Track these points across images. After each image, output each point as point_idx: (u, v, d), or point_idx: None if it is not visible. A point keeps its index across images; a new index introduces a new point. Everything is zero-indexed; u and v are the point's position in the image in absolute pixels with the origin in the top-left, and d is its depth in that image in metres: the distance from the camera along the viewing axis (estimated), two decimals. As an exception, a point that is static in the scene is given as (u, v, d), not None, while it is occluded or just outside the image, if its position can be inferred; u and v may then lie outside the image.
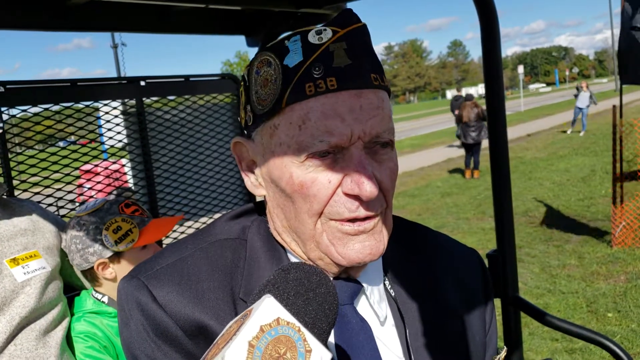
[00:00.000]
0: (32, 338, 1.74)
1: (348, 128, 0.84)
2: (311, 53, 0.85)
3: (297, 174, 0.87)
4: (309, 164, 0.87)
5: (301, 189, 0.88)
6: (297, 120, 0.86)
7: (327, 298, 0.76)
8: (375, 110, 0.86)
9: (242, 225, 1.01)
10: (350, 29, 0.87)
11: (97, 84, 2.47)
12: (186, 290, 0.91)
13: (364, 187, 0.84)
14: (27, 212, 1.91)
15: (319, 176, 0.87)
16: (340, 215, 0.87)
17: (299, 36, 0.87)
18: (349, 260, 0.89)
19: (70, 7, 2.06)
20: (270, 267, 0.95)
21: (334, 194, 0.87)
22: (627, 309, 5.49)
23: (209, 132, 2.86)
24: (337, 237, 0.89)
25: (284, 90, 0.86)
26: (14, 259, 1.76)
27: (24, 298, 1.73)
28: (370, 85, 0.87)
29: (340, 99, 0.85)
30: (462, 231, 9.11)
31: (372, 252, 0.90)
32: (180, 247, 0.98)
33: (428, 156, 19.36)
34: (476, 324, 1.07)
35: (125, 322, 0.92)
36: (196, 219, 2.82)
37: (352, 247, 0.89)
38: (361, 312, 0.96)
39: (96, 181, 2.54)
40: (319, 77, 0.84)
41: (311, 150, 0.85)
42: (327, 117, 0.84)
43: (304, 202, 0.88)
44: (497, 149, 2.06)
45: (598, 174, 12.51)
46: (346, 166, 0.86)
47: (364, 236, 0.89)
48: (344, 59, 0.85)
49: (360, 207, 0.87)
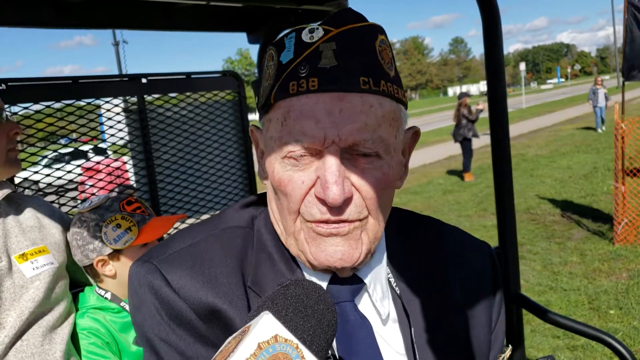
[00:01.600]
0: (39, 334, 1.75)
1: (322, 131, 0.83)
2: (301, 51, 0.85)
3: (277, 170, 0.88)
4: (287, 162, 0.87)
5: (279, 186, 0.89)
6: (280, 117, 0.86)
7: (326, 315, 0.76)
8: (356, 116, 0.83)
9: (251, 214, 1.02)
10: (344, 29, 0.85)
11: (99, 82, 2.47)
12: (199, 275, 0.91)
13: (328, 192, 0.83)
14: (33, 208, 1.92)
15: (294, 175, 0.87)
16: (312, 216, 0.87)
17: (294, 33, 0.87)
18: (319, 262, 0.89)
19: (71, 4, 2.05)
20: (278, 259, 0.95)
21: (307, 195, 0.87)
22: (629, 306, 5.49)
23: (210, 129, 2.86)
24: (312, 237, 0.89)
25: (274, 86, 0.87)
26: (22, 254, 1.77)
27: (34, 292, 1.74)
28: (355, 89, 0.83)
29: (321, 101, 0.83)
30: (464, 228, 8.95)
31: (343, 258, 0.88)
32: (192, 233, 0.99)
33: (430, 153, 19.35)
34: (482, 319, 1.06)
35: (138, 306, 0.92)
36: (197, 217, 2.82)
37: (323, 249, 0.88)
38: (363, 310, 0.96)
39: (98, 179, 2.54)
40: (303, 76, 0.84)
41: (289, 149, 0.85)
42: (303, 118, 0.83)
43: (284, 199, 0.89)
44: (499, 146, 2.06)
45: (600, 171, 12.49)
46: (319, 168, 0.85)
47: (338, 239, 0.88)
48: (331, 59, 0.83)
49: (332, 212, 0.86)
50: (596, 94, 20.39)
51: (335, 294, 0.94)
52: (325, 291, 0.78)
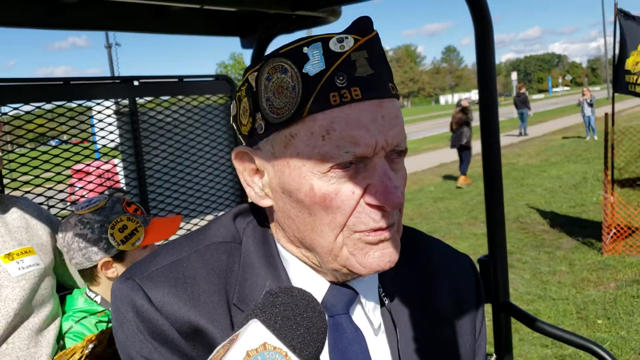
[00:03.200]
0: (25, 337, 1.73)
1: (373, 138, 0.83)
2: (333, 61, 0.83)
3: (319, 185, 0.85)
4: (332, 175, 0.85)
5: (324, 201, 0.86)
6: (319, 130, 0.83)
7: (316, 322, 0.75)
8: (395, 120, 0.86)
9: (237, 227, 1.00)
10: (369, 37, 0.86)
11: (90, 83, 2.45)
12: (182, 293, 0.90)
13: (390, 197, 0.84)
14: (20, 209, 1.90)
15: (342, 187, 0.85)
16: (366, 226, 0.86)
17: (319, 43, 0.84)
18: (369, 269, 0.89)
19: (64, 5, 2.04)
20: (265, 273, 0.94)
21: (357, 205, 0.86)
22: (617, 316, 5.52)
23: (202, 133, 2.85)
24: (359, 248, 0.88)
25: (306, 99, 0.83)
26: (8, 254, 1.76)
27: (19, 292, 1.72)
28: (389, 95, 0.87)
29: (364, 109, 0.83)
30: (454, 236, 9.13)
31: (391, 260, 0.90)
32: (176, 249, 0.97)
33: (421, 161, 19.40)
34: (467, 330, 1.07)
35: (120, 324, 0.91)
36: (188, 220, 2.81)
37: (372, 256, 0.88)
38: (356, 321, 0.96)
39: (88, 181, 2.52)
40: (342, 86, 0.83)
41: (336, 161, 0.83)
42: (352, 128, 0.83)
43: (325, 214, 0.87)
44: (489, 154, 2.07)
45: (590, 181, 12.58)
46: (369, 176, 0.85)
47: (384, 244, 0.89)
48: (367, 68, 0.84)
49: (384, 218, 0.87)
50: (581, 104, 21.00)
51: (330, 307, 0.94)
52: (314, 299, 0.78)
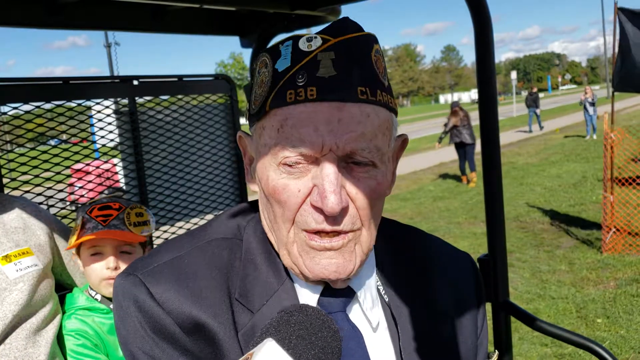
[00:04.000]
0: (22, 337, 1.72)
1: (320, 138, 0.83)
2: (299, 60, 0.85)
3: (272, 177, 0.88)
4: (282, 169, 0.87)
5: (274, 194, 0.88)
6: (276, 124, 0.86)
7: (330, 342, 0.75)
8: (355, 125, 0.84)
9: (238, 224, 1.01)
10: (342, 39, 0.85)
11: (90, 83, 2.45)
12: (183, 288, 0.90)
13: (326, 201, 0.83)
14: (18, 209, 1.89)
15: (290, 183, 0.87)
16: (308, 225, 0.87)
17: (291, 41, 0.87)
18: (314, 274, 0.89)
19: (63, 4, 2.04)
20: (266, 269, 0.95)
21: (303, 204, 0.87)
22: (616, 315, 5.52)
23: (201, 132, 2.85)
24: (305, 251, 0.89)
25: (270, 93, 0.86)
26: (6, 256, 1.75)
27: (17, 295, 1.71)
28: (353, 99, 0.84)
29: (319, 109, 0.83)
30: (454, 235, 9.13)
31: (338, 271, 0.89)
32: (177, 245, 0.98)
33: (421, 160, 19.40)
34: (468, 327, 1.07)
35: (122, 319, 0.92)
36: (187, 220, 2.81)
37: (318, 262, 0.88)
38: (353, 319, 0.96)
39: (87, 180, 2.52)
40: (301, 85, 0.84)
41: (284, 155, 0.85)
42: (301, 125, 0.84)
43: (278, 207, 0.89)
44: (489, 154, 2.07)
45: (589, 180, 12.58)
46: (316, 177, 0.85)
47: (332, 253, 0.88)
48: (329, 69, 0.84)
49: (326, 221, 0.86)
50: (583, 103, 21.02)
51: (326, 305, 0.94)
52: (330, 318, 0.78)
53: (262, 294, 0.92)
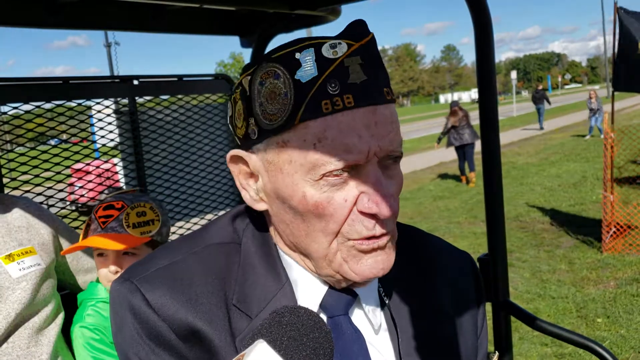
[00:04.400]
0: (25, 336, 1.73)
1: (366, 145, 0.83)
2: (326, 68, 0.82)
3: (311, 193, 0.85)
4: (324, 182, 0.84)
5: (316, 209, 0.85)
6: (312, 138, 0.83)
7: (322, 343, 0.75)
8: (390, 126, 0.85)
9: (237, 228, 1.00)
10: (364, 42, 0.85)
11: (90, 83, 2.45)
12: (179, 294, 0.90)
13: (382, 206, 0.83)
14: (21, 209, 1.90)
15: (334, 195, 0.85)
16: (359, 234, 0.86)
17: (312, 49, 0.83)
18: (362, 276, 0.89)
19: (63, 4, 2.04)
20: (265, 273, 0.94)
21: (350, 213, 0.86)
22: (617, 314, 5.52)
23: (201, 132, 2.85)
24: (352, 255, 0.88)
25: (298, 106, 0.82)
26: (9, 255, 1.75)
27: (20, 293, 1.72)
28: (384, 101, 0.85)
29: (357, 116, 0.83)
30: (454, 235, 9.13)
31: (385, 267, 0.89)
32: (174, 250, 0.97)
33: (421, 160, 19.40)
34: (468, 327, 1.07)
35: (119, 326, 0.91)
36: (187, 220, 2.81)
37: (365, 263, 0.88)
38: (356, 322, 0.96)
39: (87, 180, 2.52)
40: (335, 93, 0.82)
41: (328, 168, 0.83)
42: (344, 135, 0.82)
43: (318, 222, 0.86)
44: (489, 153, 2.07)
45: (589, 180, 12.57)
46: (362, 184, 0.85)
47: (377, 252, 0.89)
48: (360, 74, 0.83)
49: (377, 225, 0.86)
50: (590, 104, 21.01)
51: (329, 308, 0.94)
52: (321, 319, 0.78)
53: (261, 299, 0.91)
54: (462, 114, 13.40)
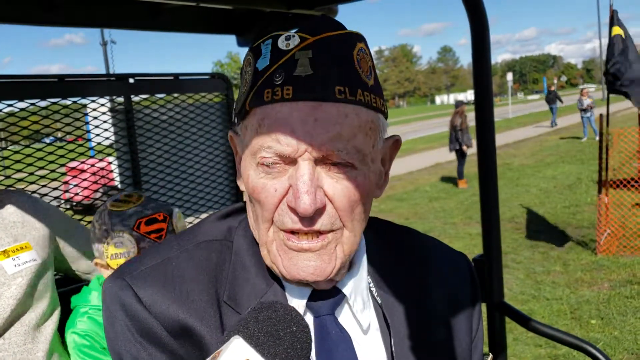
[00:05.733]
0: (21, 332, 1.73)
1: (295, 140, 0.82)
2: (277, 59, 0.84)
3: (251, 176, 0.88)
4: (261, 169, 0.86)
5: (253, 193, 0.88)
6: (255, 124, 0.85)
7: (299, 336, 0.75)
8: (331, 126, 0.82)
9: (229, 226, 1.00)
10: (320, 37, 0.84)
11: (85, 80, 2.44)
12: (171, 291, 0.90)
13: (299, 201, 0.82)
14: (16, 203, 1.88)
15: (267, 183, 0.86)
16: (284, 225, 0.86)
17: (270, 40, 0.86)
18: (291, 275, 0.88)
19: (59, 1, 2.03)
20: (255, 271, 0.94)
21: (280, 204, 0.86)
22: (610, 316, 5.54)
23: (197, 131, 2.84)
24: (284, 250, 0.88)
25: (249, 93, 0.86)
26: (4, 251, 1.75)
27: (15, 289, 1.71)
28: (330, 98, 0.83)
29: (295, 109, 0.82)
30: (449, 236, 9.14)
31: (316, 273, 0.87)
32: (166, 248, 0.97)
33: (416, 161, 19.42)
34: (463, 329, 1.06)
35: (111, 323, 0.91)
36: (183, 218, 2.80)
37: (295, 263, 0.87)
38: (343, 322, 0.95)
39: (82, 178, 2.51)
40: (278, 84, 0.83)
41: (261, 154, 0.85)
42: (277, 126, 0.83)
43: (258, 206, 0.88)
44: (485, 155, 2.07)
45: (584, 181, 12.62)
46: (292, 177, 0.84)
47: (310, 255, 0.87)
48: (306, 68, 0.83)
49: (303, 221, 0.85)
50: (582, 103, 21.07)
51: (315, 307, 0.94)
52: (299, 313, 0.78)
53: (251, 296, 0.91)
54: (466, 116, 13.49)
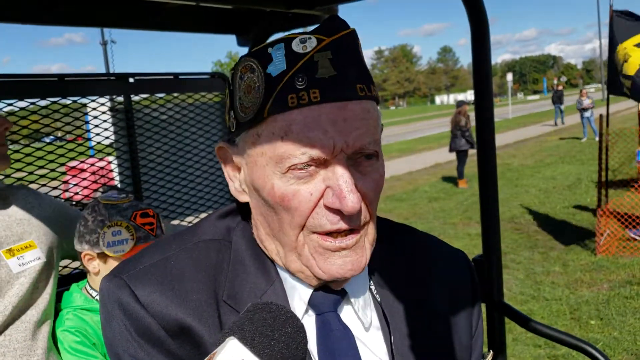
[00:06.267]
0: (22, 329, 1.73)
1: (330, 140, 0.83)
2: (295, 62, 0.83)
3: (278, 185, 0.86)
4: (290, 175, 0.85)
5: (282, 201, 0.86)
6: (278, 131, 0.84)
7: (294, 337, 0.75)
8: (359, 122, 0.84)
9: (227, 226, 1.00)
10: (336, 37, 0.85)
11: (85, 80, 2.44)
12: (169, 290, 0.90)
13: (345, 201, 0.83)
14: (21, 200, 1.88)
15: (300, 188, 0.85)
16: (322, 227, 0.86)
17: (282, 44, 0.85)
18: (330, 275, 0.89)
19: (58, 0, 2.03)
20: (255, 271, 0.94)
21: (315, 207, 0.86)
22: (610, 316, 5.54)
23: (197, 130, 2.84)
24: (319, 252, 0.88)
25: (266, 100, 0.84)
26: (9, 249, 1.75)
27: (18, 288, 1.72)
28: (355, 97, 0.84)
29: (324, 111, 0.83)
30: (449, 236, 9.14)
31: (354, 268, 0.89)
32: (164, 247, 0.97)
33: (416, 161, 19.42)
34: (462, 326, 1.06)
35: (108, 321, 0.91)
36: (182, 218, 2.80)
37: (333, 262, 0.88)
38: (345, 319, 0.95)
39: (82, 178, 2.51)
40: (302, 88, 0.82)
41: (293, 162, 0.84)
42: (309, 129, 0.83)
43: (286, 214, 0.87)
44: (485, 155, 2.07)
45: (584, 182, 12.62)
46: (328, 178, 0.85)
47: (346, 252, 0.88)
48: (329, 69, 0.83)
49: (342, 221, 0.86)
50: (581, 103, 21.08)
51: (317, 305, 0.94)
52: (294, 314, 0.78)
53: (251, 295, 0.91)
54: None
